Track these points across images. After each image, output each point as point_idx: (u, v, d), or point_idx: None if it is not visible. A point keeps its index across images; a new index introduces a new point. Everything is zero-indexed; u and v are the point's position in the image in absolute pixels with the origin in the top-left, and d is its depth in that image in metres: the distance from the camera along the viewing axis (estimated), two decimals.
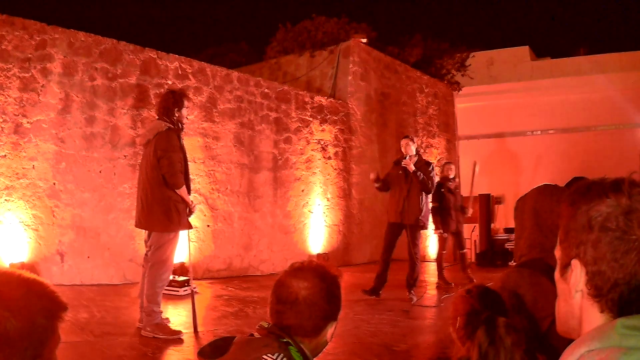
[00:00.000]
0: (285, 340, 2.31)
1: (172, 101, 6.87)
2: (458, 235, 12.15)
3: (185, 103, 6.99)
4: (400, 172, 9.65)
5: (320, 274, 2.43)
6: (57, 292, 1.65)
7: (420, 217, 9.51)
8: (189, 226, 6.93)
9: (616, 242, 1.36)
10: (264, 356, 2.20)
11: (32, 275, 1.66)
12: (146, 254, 6.88)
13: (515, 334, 2.37)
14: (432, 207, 11.78)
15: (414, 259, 9.54)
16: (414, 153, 9.78)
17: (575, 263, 1.42)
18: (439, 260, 11.97)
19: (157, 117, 7.02)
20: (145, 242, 6.91)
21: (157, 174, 6.62)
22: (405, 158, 9.65)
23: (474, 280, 11.58)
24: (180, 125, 6.90)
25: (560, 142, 18.74)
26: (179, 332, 6.69)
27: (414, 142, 9.88)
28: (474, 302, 2.53)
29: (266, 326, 2.38)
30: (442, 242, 12.08)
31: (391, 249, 9.75)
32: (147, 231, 6.88)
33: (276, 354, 2.22)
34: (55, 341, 1.64)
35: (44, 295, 1.62)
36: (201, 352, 2.37)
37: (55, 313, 1.62)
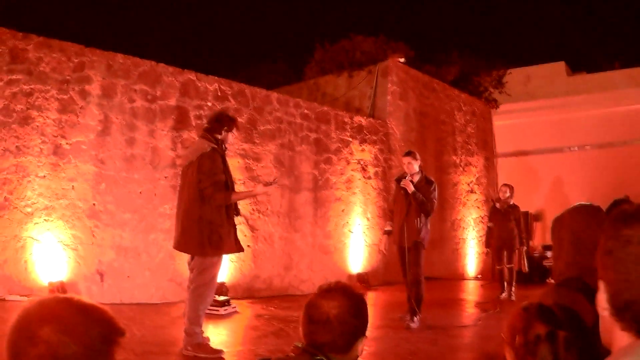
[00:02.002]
0: (319, 357, 2.40)
1: (224, 121, 6.73)
2: (508, 253, 12.03)
3: (234, 129, 6.84)
4: (401, 191, 9.03)
5: (347, 293, 2.53)
6: (114, 317, 1.69)
7: (417, 240, 8.77)
8: (236, 249, 6.70)
9: (631, 266, 1.40)
10: None
11: (90, 301, 1.69)
12: (189, 278, 6.62)
13: (575, 350, 2.27)
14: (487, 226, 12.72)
15: (416, 281, 8.80)
16: (417, 171, 9.04)
17: (600, 284, 1.49)
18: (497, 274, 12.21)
19: (200, 134, 6.85)
20: (188, 264, 6.66)
21: (198, 196, 6.37)
22: (405, 176, 8.96)
23: (513, 297, 11.56)
24: (223, 146, 6.69)
25: (596, 157, 18.21)
26: (220, 351, 6.51)
27: (417, 160, 9.09)
28: (534, 319, 2.35)
29: (300, 346, 2.47)
30: (489, 258, 12.29)
31: (406, 270, 9.01)
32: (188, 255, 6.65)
33: None
34: None
35: (102, 321, 1.65)
36: None
37: (113, 338, 1.66)
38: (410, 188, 8.72)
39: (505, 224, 11.87)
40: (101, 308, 1.68)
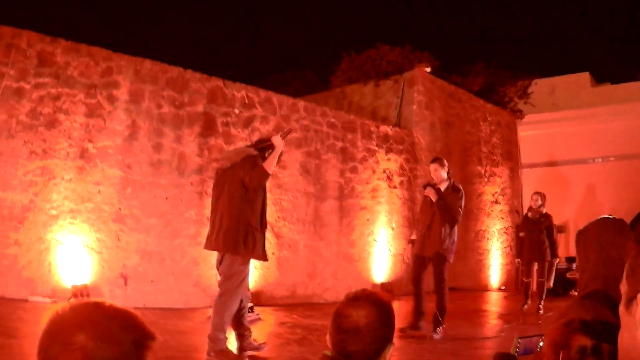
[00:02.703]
0: None
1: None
2: (539, 265, 11.70)
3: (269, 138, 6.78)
4: (427, 199, 8.75)
5: (375, 301, 2.48)
6: (145, 322, 1.65)
7: (440, 250, 8.45)
8: (263, 257, 6.64)
9: None
10: None
11: (123, 307, 1.65)
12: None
13: None
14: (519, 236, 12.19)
15: (440, 293, 8.55)
16: (445, 178, 8.76)
17: None
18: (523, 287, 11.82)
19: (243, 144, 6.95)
20: (217, 268, 6.59)
21: (239, 195, 6.35)
22: (431, 184, 8.73)
23: (541, 311, 11.01)
24: (264, 153, 6.65)
25: (621, 169, 17.91)
26: (243, 358, 6.45)
27: (444, 167, 8.80)
28: (577, 333, 2.24)
29: (330, 354, 2.41)
30: (517, 269, 11.92)
31: (419, 282, 8.71)
32: (218, 257, 6.58)
33: None
34: None
35: (134, 326, 1.62)
36: None
37: (145, 343, 1.62)
38: (434, 197, 8.47)
39: (537, 235, 11.44)
40: (133, 313, 1.64)
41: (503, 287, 15.85)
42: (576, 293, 3.44)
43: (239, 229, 6.27)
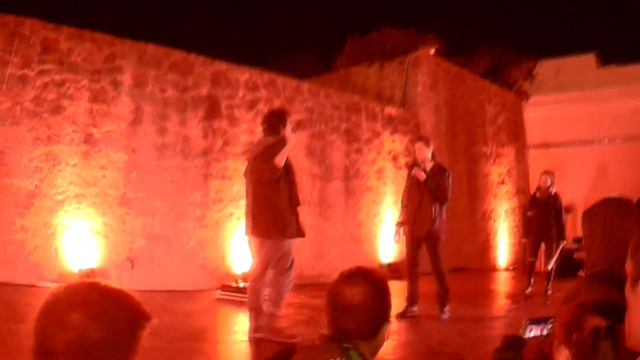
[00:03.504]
0: (345, 345, 2.36)
1: (277, 120, 7.00)
2: (547, 246, 11.33)
3: (288, 121, 7.04)
4: (413, 179, 8.64)
5: (369, 278, 2.49)
6: (141, 302, 1.69)
7: (432, 229, 8.41)
8: (298, 235, 6.89)
9: None
10: None
11: (118, 287, 1.69)
12: (252, 266, 7.08)
13: None
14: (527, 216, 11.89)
15: (439, 272, 8.54)
16: (429, 158, 8.64)
17: None
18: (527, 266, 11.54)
19: (263, 134, 7.09)
20: (255, 255, 6.94)
21: (264, 184, 6.68)
22: (418, 164, 8.65)
23: (550, 291, 10.93)
24: (284, 141, 6.83)
25: (627, 150, 17.83)
26: (294, 336, 6.67)
27: (429, 146, 8.71)
28: (590, 314, 2.14)
29: (327, 334, 2.44)
30: (524, 249, 11.67)
31: (415, 263, 8.63)
32: (255, 241, 6.85)
33: (337, 359, 2.30)
34: (138, 349, 1.68)
35: (129, 306, 1.66)
36: None
37: (140, 322, 1.67)
38: (422, 176, 8.43)
39: (545, 215, 11.12)
40: (128, 293, 1.69)
41: (512, 267, 15.82)
42: (583, 274, 3.40)
43: (267, 214, 6.59)
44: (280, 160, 6.60)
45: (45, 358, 1.56)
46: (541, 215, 11.13)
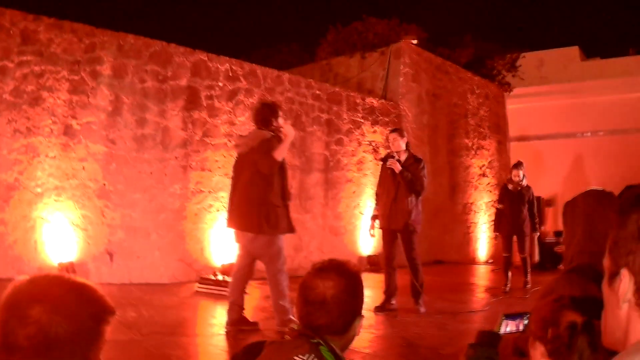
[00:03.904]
0: (316, 340, 2.32)
1: (269, 112, 7.05)
2: (519, 239, 11.11)
3: (280, 113, 7.12)
4: (388, 171, 8.57)
5: (342, 271, 2.45)
6: (105, 296, 1.69)
7: (409, 221, 8.39)
8: (289, 230, 7.02)
9: None
10: (295, 357, 2.23)
11: (82, 280, 1.70)
12: (238, 255, 7.25)
13: None
14: (495, 209, 11.78)
15: (414, 265, 8.52)
16: (404, 149, 8.62)
17: (624, 272, 1.35)
18: (503, 262, 11.28)
19: (255, 127, 7.14)
20: (243, 246, 7.09)
21: (258, 177, 6.77)
22: (392, 156, 8.59)
23: (529, 285, 10.90)
24: (277, 134, 6.95)
25: (610, 143, 18.08)
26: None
27: (404, 137, 8.69)
28: (566, 310, 2.26)
29: (297, 328, 2.44)
30: (498, 243, 11.57)
31: (391, 256, 8.62)
32: (246, 234, 6.92)
33: (307, 355, 2.24)
34: (102, 343, 1.67)
35: (93, 300, 1.66)
36: (234, 357, 2.45)
37: (103, 317, 1.66)
38: (398, 167, 8.38)
39: (518, 207, 10.95)
40: (92, 286, 1.68)
41: (491, 261, 15.98)
42: (563, 267, 3.45)
43: (260, 210, 6.68)
44: (280, 155, 6.70)
45: (8, 352, 1.55)
46: (514, 208, 11.01)
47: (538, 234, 11.75)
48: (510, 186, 11.17)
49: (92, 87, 8.99)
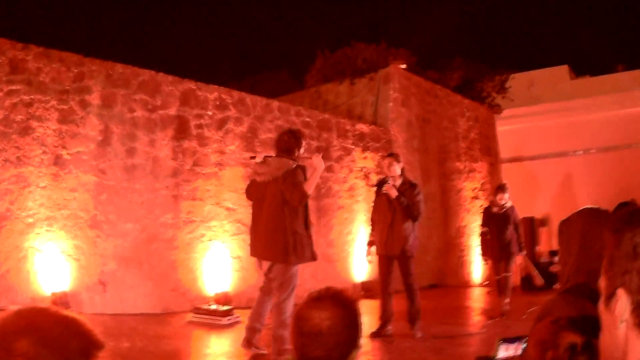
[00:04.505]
0: None
1: (294, 141, 7.16)
2: (506, 260, 10.94)
3: (303, 142, 7.27)
4: (383, 197, 8.69)
5: (339, 301, 2.40)
6: (94, 330, 1.66)
7: (406, 247, 8.47)
8: (312, 259, 7.15)
9: None
10: None
11: (70, 313, 1.66)
12: (264, 283, 7.22)
13: None
14: (480, 233, 11.63)
15: (411, 290, 8.63)
16: (399, 174, 8.73)
17: (621, 292, 1.36)
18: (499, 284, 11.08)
19: (277, 155, 7.17)
20: (265, 273, 7.09)
21: (283, 207, 6.83)
22: (387, 181, 8.69)
23: (506, 308, 10.65)
24: (302, 164, 7.11)
25: (602, 161, 18.29)
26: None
27: (399, 162, 8.79)
28: (565, 331, 2.25)
29: (291, 359, 2.38)
30: (492, 268, 11.42)
31: (387, 282, 8.69)
32: (267, 262, 7.04)
33: None
34: None
35: (80, 334, 1.62)
36: None
37: (91, 351, 1.63)
38: (394, 193, 8.49)
39: (503, 230, 10.87)
40: (80, 320, 1.66)
41: (486, 283, 16.09)
42: (559, 286, 3.43)
43: (287, 239, 6.76)
44: (310, 188, 6.83)
45: None
46: (500, 230, 10.92)
47: (525, 252, 11.55)
48: (494, 209, 11.17)
49: (82, 116, 9.07)
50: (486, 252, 11.39)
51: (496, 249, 10.97)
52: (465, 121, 17.42)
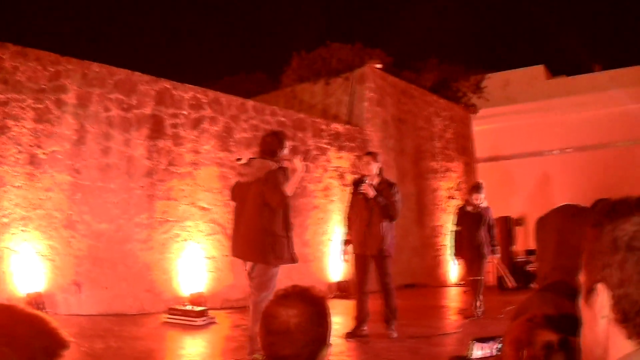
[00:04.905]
0: None
1: (277, 142, 7.28)
2: (478, 262, 10.86)
3: (286, 144, 7.38)
4: (360, 196, 8.67)
5: (306, 298, 2.37)
6: (60, 328, 1.64)
7: (384, 247, 8.49)
8: (292, 261, 7.20)
9: None
10: None
11: (35, 311, 1.65)
12: (250, 284, 7.24)
13: None
14: (452, 232, 11.58)
15: (387, 290, 8.65)
16: (376, 173, 8.75)
17: (601, 287, 1.32)
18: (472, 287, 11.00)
19: (260, 157, 7.29)
20: (249, 273, 7.12)
21: (263, 209, 6.96)
22: (364, 180, 8.70)
23: (478, 314, 10.58)
24: (282, 164, 7.24)
25: (578, 160, 18.54)
26: None
27: (377, 161, 8.81)
28: (541, 329, 2.28)
29: (260, 359, 2.45)
30: (466, 268, 11.38)
31: (364, 282, 8.69)
32: (249, 263, 7.11)
33: None
34: None
35: (45, 333, 1.60)
36: None
37: (56, 351, 1.60)
38: (371, 192, 8.52)
39: (477, 230, 10.81)
40: (45, 318, 1.64)
41: (463, 282, 16.20)
42: (536, 285, 3.42)
43: (265, 240, 6.89)
44: (291, 190, 7.00)
45: None
46: (473, 230, 10.85)
47: (498, 256, 11.56)
48: (469, 208, 11.13)
49: (57, 115, 9.10)
50: (458, 252, 11.36)
51: (468, 249, 10.95)
52: (441, 121, 17.62)
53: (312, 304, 2.35)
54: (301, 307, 2.30)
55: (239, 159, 7.50)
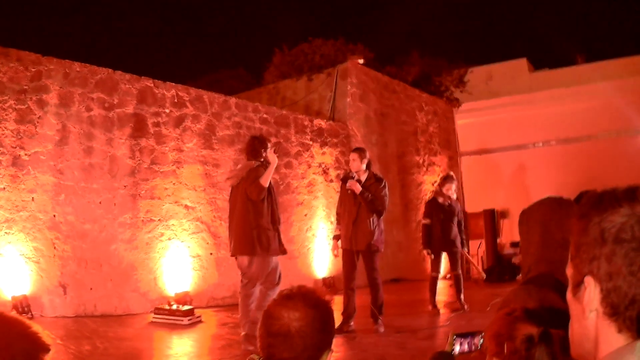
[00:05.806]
0: None
1: (259, 144, 7.88)
2: (452, 256, 10.86)
3: (269, 144, 7.98)
4: (348, 191, 8.78)
5: (311, 301, 2.27)
6: (40, 332, 1.66)
7: (372, 242, 8.60)
8: (280, 252, 7.82)
9: (632, 254, 1.26)
10: None
11: (15, 315, 1.68)
12: (242, 281, 7.83)
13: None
14: (422, 225, 11.26)
15: (375, 285, 8.75)
16: (363, 169, 8.84)
17: (589, 280, 1.32)
18: (430, 282, 10.88)
19: (246, 159, 7.93)
20: (244, 273, 7.74)
21: (248, 205, 7.55)
22: (352, 176, 8.79)
23: (465, 308, 10.60)
24: (267, 163, 7.74)
25: (562, 152, 18.67)
26: None
27: (365, 157, 8.87)
28: (521, 322, 2.30)
29: (257, 358, 2.29)
30: (431, 263, 11.11)
31: (351, 277, 8.78)
32: (243, 259, 7.68)
33: None
34: None
35: (25, 336, 1.62)
36: None
37: (36, 354, 1.63)
38: (358, 189, 8.60)
39: (449, 222, 10.70)
40: (25, 322, 1.66)
41: (448, 276, 16.31)
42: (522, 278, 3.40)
43: (251, 233, 7.46)
44: (265, 181, 7.42)
45: None
46: (445, 223, 10.71)
47: (467, 249, 11.61)
48: (440, 199, 10.89)
49: (39, 116, 9.11)
50: (428, 244, 10.93)
51: (440, 243, 10.76)
52: (424, 115, 17.73)
53: (316, 308, 2.26)
54: (304, 311, 2.21)
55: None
